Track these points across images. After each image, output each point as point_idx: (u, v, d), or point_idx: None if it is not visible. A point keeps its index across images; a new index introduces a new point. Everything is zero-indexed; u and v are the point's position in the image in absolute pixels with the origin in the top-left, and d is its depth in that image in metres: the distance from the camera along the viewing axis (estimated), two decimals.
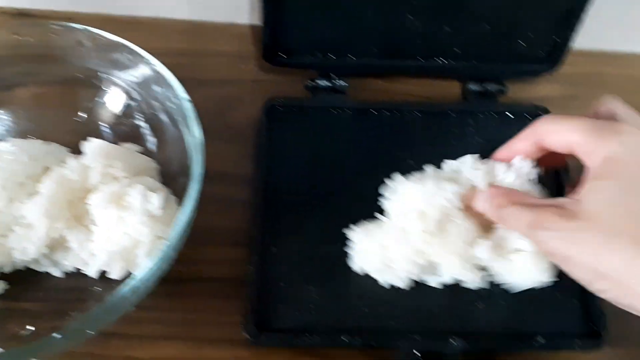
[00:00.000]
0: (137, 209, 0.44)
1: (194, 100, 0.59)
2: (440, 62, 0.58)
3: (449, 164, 0.50)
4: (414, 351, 0.45)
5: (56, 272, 0.48)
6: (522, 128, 0.56)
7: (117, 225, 0.44)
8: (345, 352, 0.47)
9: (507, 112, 0.58)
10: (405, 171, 0.50)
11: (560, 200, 0.36)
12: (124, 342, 0.47)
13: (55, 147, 0.51)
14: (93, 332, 0.40)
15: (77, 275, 0.48)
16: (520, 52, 0.58)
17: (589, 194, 0.34)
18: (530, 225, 0.36)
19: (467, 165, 0.48)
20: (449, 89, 0.61)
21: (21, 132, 0.52)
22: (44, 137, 0.52)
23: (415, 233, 0.45)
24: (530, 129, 0.43)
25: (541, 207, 0.36)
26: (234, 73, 0.61)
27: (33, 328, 0.45)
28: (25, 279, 0.48)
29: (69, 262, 0.48)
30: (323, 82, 0.58)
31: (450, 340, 0.45)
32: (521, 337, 0.46)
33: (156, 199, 0.44)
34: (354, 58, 0.57)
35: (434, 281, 0.47)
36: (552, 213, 0.35)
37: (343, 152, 0.55)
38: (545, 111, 0.58)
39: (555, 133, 0.39)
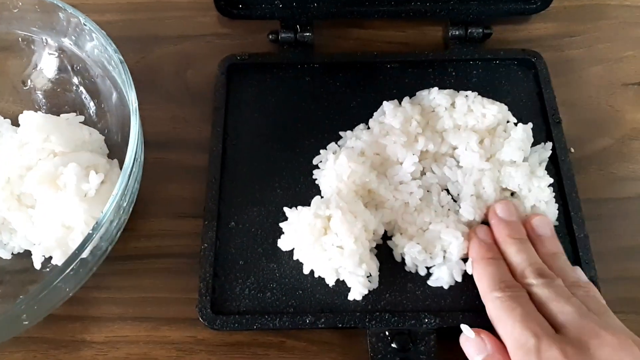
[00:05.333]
0: (72, 190, 0.40)
1: (149, 59, 0.55)
2: (417, 4, 0.52)
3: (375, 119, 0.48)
4: (385, 332, 0.41)
5: (3, 254, 0.45)
6: (510, 76, 0.51)
7: (53, 207, 0.40)
8: (311, 332, 0.43)
9: (493, 60, 0.52)
10: None
11: None
12: (79, 324, 0.44)
13: None
14: (27, 322, 0.38)
15: (26, 255, 0.45)
16: None
17: None
18: None
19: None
20: (429, 35, 0.55)
21: None
22: None
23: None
24: None
25: None
26: (193, 27, 0.56)
27: None
28: None
29: (16, 244, 0.45)
30: (286, 35, 0.52)
31: (423, 317, 0.41)
32: None
33: (93, 178, 0.40)
34: (318, 4, 0.51)
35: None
36: None
37: (310, 113, 0.50)
38: (537, 56, 0.52)
39: None
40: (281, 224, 0.44)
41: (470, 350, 0.39)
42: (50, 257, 0.43)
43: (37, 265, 0.42)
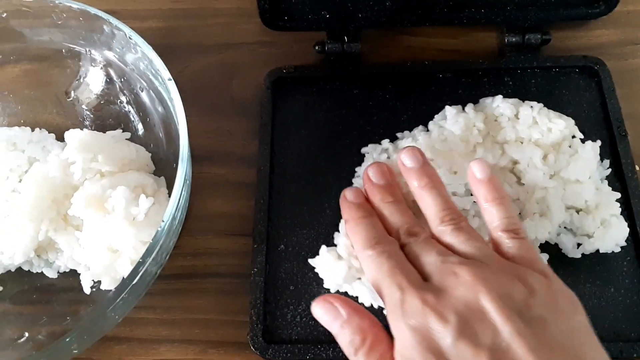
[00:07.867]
0: (120, 214, 0.39)
1: (193, 69, 0.53)
2: (472, 11, 0.49)
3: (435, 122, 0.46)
4: None
5: (50, 273, 0.44)
6: (570, 85, 0.49)
7: (101, 230, 0.39)
8: None
9: (553, 68, 0.49)
10: None
11: None
12: (126, 346, 0.43)
13: (40, 135, 0.47)
14: (76, 351, 0.37)
15: (72, 274, 0.44)
16: None
17: None
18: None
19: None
20: (482, 42, 0.53)
21: (9, 115, 0.49)
22: (30, 121, 0.48)
23: None
24: None
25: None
26: (237, 35, 0.54)
27: (27, 334, 0.43)
28: (19, 280, 0.45)
29: (62, 263, 0.44)
30: (332, 45, 0.50)
31: None
32: None
33: (142, 202, 0.39)
34: (366, 14, 0.49)
35: None
36: None
37: (358, 127, 0.48)
38: (600, 63, 0.49)
39: None
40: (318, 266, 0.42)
41: (324, 320, 0.36)
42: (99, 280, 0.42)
43: (87, 290, 0.41)
